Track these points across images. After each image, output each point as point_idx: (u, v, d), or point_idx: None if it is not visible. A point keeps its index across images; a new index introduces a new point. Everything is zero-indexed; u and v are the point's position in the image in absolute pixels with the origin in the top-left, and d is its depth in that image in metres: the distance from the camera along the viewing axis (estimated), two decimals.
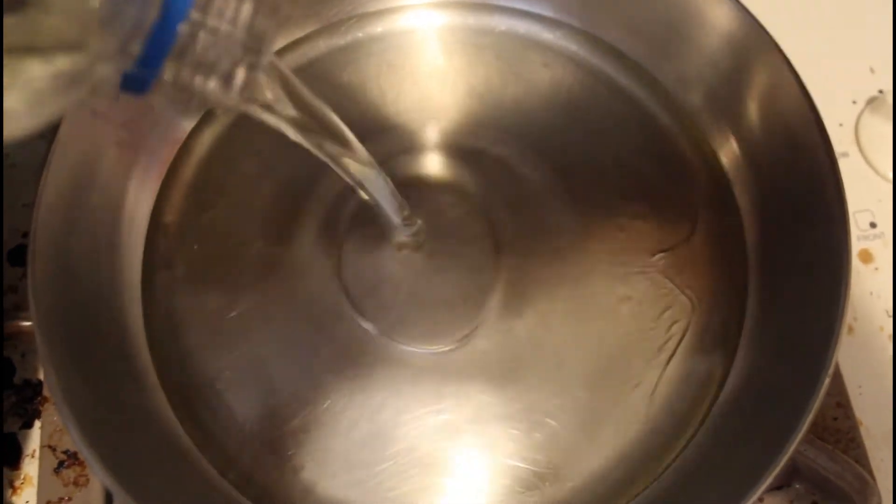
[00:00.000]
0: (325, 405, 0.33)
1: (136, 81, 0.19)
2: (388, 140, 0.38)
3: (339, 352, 0.34)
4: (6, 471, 0.36)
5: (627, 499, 0.32)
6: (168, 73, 0.19)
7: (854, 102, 0.43)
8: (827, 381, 0.27)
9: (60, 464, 0.36)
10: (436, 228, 0.36)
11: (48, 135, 0.32)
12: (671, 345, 0.34)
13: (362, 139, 0.38)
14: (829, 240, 0.30)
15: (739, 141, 0.37)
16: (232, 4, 0.20)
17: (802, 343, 0.30)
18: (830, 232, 0.30)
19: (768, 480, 0.26)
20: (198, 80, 0.20)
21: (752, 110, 0.35)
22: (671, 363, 0.34)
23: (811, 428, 0.35)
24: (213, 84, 0.20)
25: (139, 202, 0.36)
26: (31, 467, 0.36)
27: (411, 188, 0.36)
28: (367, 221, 0.36)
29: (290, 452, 0.33)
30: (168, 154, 0.37)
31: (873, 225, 0.40)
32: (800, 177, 0.33)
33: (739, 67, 0.35)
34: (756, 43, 0.34)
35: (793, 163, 0.33)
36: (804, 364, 0.29)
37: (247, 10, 0.20)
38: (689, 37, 0.37)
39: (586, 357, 0.34)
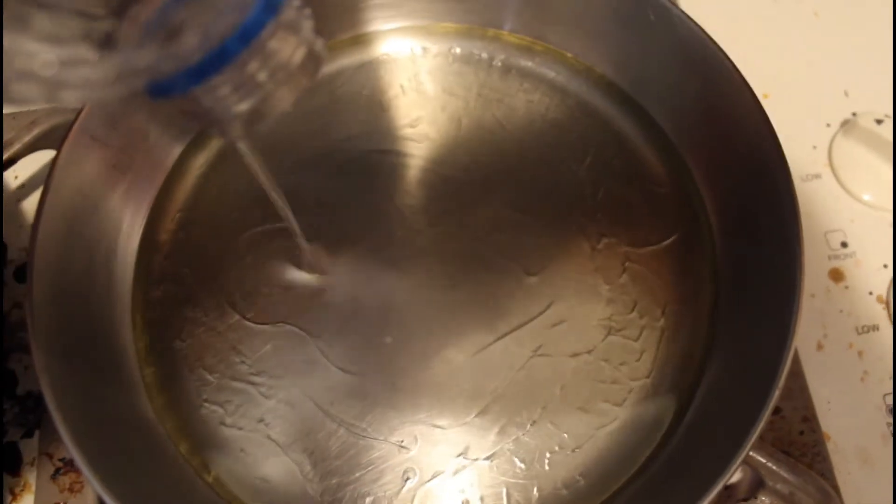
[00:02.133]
0: (308, 415, 0.35)
1: (170, 86, 0.20)
2: (370, 161, 0.39)
3: (322, 364, 0.35)
4: (8, 478, 0.38)
5: None
6: (204, 87, 0.20)
7: (828, 125, 0.44)
8: (777, 393, 0.28)
9: (57, 471, 0.37)
10: (412, 247, 0.37)
11: None
12: (642, 363, 0.35)
13: (344, 162, 0.40)
14: (785, 259, 0.31)
15: (710, 163, 0.38)
16: (290, 47, 0.21)
17: (760, 358, 0.31)
18: (786, 251, 0.31)
19: (717, 489, 0.28)
20: (230, 100, 0.21)
21: (719, 134, 0.37)
22: (640, 382, 0.35)
23: (776, 442, 0.36)
24: (242, 108, 0.21)
25: (133, 222, 0.38)
26: (30, 475, 0.38)
27: (390, 209, 0.38)
28: (354, 242, 0.38)
29: (274, 462, 0.34)
30: (161, 176, 0.39)
31: (844, 244, 0.41)
32: (762, 198, 0.34)
33: (705, 94, 0.36)
34: (719, 69, 0.35)
35: (756, 184, 0.34)
36: (759, 378, 0.30)
37: (299, 56, 0.21)
38: (660, 62, 0.38)
39: (556, 373, 0.35)
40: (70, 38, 0.16)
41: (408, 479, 0.34)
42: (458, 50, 0.42)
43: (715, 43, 0.35)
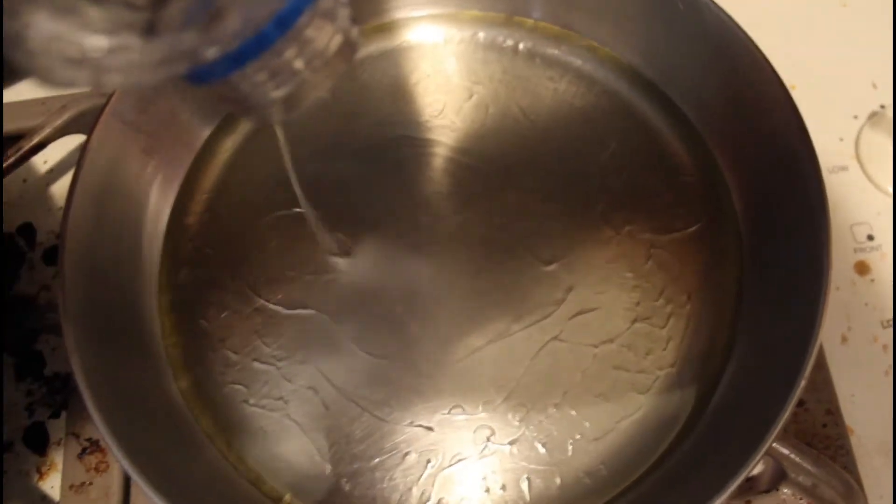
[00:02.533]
0: (330, 398, 0.35)
1: (209, 72, 0.20)
2: (395, 148, 0.40)
3: (346, 348, 0.36)
4: (35, 457, 0.38)
5: (612, 496, 0.33)
6: (242, 73, 0.21)
7: (855, 117, 0.44)
8: (802, 385, 0.28)
9: (83, 450, 0.38)
10: (437, 233, 0.37)
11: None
12: (668, 352, 0.35)
13: (369, 149, 0.40)
14: (812, 251, 0.31)
15: (736, 153, 0.38)
16: (326, 35, 0.21)
17: (784, 350, 0.31)
18: (813, 243, 0.31)
19: (740, 479, 0.28)
20: (267, 87, 0.21)
21: (747, 124, 0.36)
22: (665, 371, 0.35)
23: (799, 434, 0.36)
24: (278, 94, 0.21)
25: (160, 205, 0.38)
26: (57, 454, 0.38)
27: (414, 195, 0.38)
28: (378, 227, 0.38)
29: (296, 444, 0.35)
30: (188, 160, 0.39)
31: (871, 237, 0.41)
32: (789, 189, 0.34)
33: (733, 84, 0.36)
34: (747, 58, 0.35)
35: (784, 175, 0.34)
36: (784, 370, 0.30)
37: (335, 44, 0.22)
38: (687, 52, 0.38)
39: (579, 361, 0.35)
40: (115, 26, 0.17)
41: (429, 462, 0.34)
42: (483, 37, 0.42)
43: (743, 32, 0.35)
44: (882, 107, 0.44)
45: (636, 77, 0.40)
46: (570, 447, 0.34)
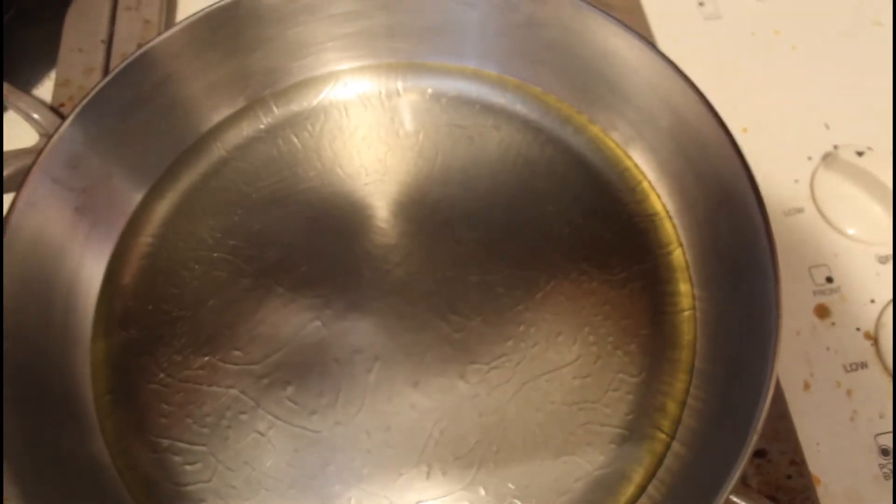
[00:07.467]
0: (264, 479, 0.33)
1: None
2: (338, 201, 0.39)
3: (277, 426, 0.34)
4: None
5: None
6: None
7: (809, 158, 0.44)
8: (755, 438, 0.27)
9: None
10: (379, 288, 0.36)
11: None
12: (621, 405, 0.34)
13: (313, 203, 0.39)
14: (762, 296, 0.30)
15: (684, 199, 0.37)
16: None
17: (739, 401, 0.30)
18: (763, 288, 0.30)
19: None
20: None
21: (693, 171, 0.36)
22: (619, 425, 0.34)
23: (763, 487, 0.34)
24: None
25: (94, 265, 0.37)
26: None
27: (357, 249, 0.37)
28: (321, 284, 0.37)
29: None
30: (123, 219, 0.38)
31: (829, 279, 0.40)
32: (737, 234, 0.33)
33: (678, 129, 0.36)
34: (691, 105, 0.34)
35: (730, 220, 0.33)
36: (738, 422, 0.29)
37: None
38: (631, 98, 0.38)
39: (532, 418, 0.34)
40: None
41: None
42: (425, 87, 0.42)
43: (687, 78, 0.34)
44: (835, 147, 0.44)
45: (582, 124, 0.40)
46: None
